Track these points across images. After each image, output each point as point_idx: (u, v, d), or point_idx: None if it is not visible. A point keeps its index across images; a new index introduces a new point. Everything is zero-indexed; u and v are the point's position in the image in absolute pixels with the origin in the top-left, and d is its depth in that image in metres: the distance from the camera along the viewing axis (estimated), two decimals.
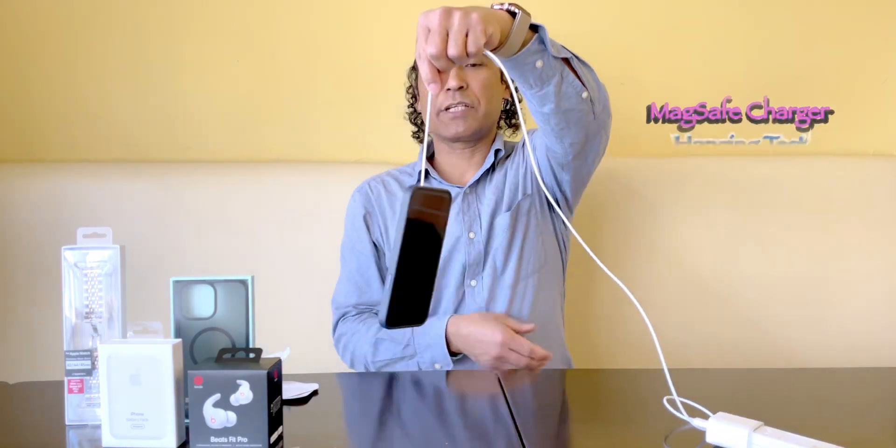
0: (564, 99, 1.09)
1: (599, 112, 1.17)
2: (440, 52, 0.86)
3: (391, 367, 1.31)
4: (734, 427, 0.82)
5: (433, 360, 1.28)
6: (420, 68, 0.88)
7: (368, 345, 1.32)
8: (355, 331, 1.36)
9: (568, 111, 1.12)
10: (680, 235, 1.66)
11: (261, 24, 1.74)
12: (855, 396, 1.07)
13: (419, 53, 0.88)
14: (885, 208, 1.67)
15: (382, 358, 1.31)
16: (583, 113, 1.14)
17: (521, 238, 1.37)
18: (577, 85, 1.09)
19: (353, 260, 1.44)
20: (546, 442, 0.90)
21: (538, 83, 1.05)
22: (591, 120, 1.17)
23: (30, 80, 1.72)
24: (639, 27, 1.75)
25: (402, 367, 1.30)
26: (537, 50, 1.01)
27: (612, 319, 1.65)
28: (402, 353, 1.29)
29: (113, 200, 1.62)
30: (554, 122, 1.15)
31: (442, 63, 0.87)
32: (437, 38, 0.86)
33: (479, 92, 1.37)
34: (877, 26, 1.77)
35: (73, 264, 0.95)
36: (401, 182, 1.46)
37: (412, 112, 1.56)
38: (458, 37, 0.86)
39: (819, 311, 1.65)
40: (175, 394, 0.86)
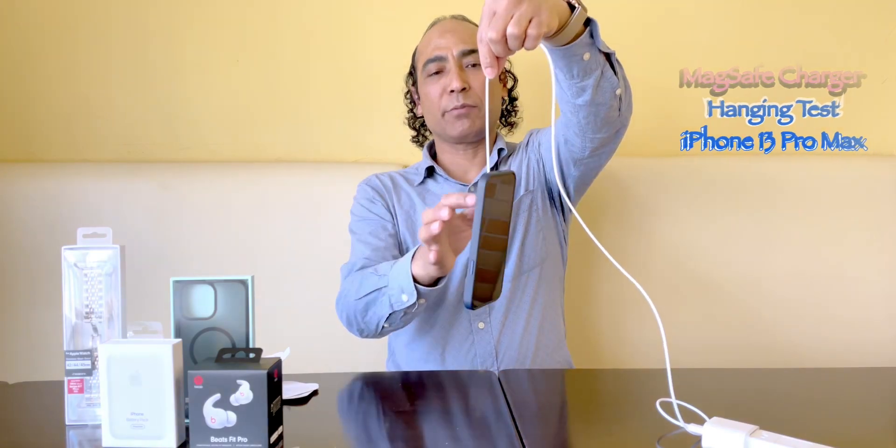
0: (600, 93, 1.12)
1: (624, 109, 1.20)
2: (500, 37, 0.87)
3: (372, 307, 1.23)
4: (730, 432, 0.82)
5: (401, 289, 1.16)
6: (479, 52, 0.89)
7: (357, 282, 1.27)
8: (353, 278, 1.30)
9: (600, 105, 1.14)
10: (680, 235, 1.66)
11: (261, 24, 1.74)
12: (855, 396, 1.07)
13: (480, 36, 0.89)
14: (885, 208, 1.67)
15: (363, 292, 1.24)
16: (611, 109, 1.16)
17: (521, 233, 1.37)
18: (614, 81, 1.12)
19: (364, 226, 1.40)
20: (546, 442, 0.90)
21: (580, 74, 1.08)
22: (617, 116, 1.19)
23: (30, 80, 1.72)
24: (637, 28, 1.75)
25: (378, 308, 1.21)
26: (587, 43, 1.04)
27: (612, 319, 1.66)
28: (377, 283, 1.22)
29: (113, 200, 1.62)
30: (583, 114, 1.17)
31: (500, 48, 0.88)
32: (500, 22, 0.87)
33: (482, 93, 1.37)
34: (877, 26, 1.77)
35: (73, 264, 0.95)
36: (407, 179, 1.46)
37: (411, 117, 1.57)
38: (522, 20, 0.87)
39: (819, 310, 1.65)
40: (175, 394, 0.86)
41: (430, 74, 1.40)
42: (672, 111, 1.78)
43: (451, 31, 1.40)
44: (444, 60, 1.38)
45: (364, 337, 1.31)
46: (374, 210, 1.42)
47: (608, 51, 1.09)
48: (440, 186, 1.44)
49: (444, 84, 1.38)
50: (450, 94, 1.37)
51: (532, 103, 1.61)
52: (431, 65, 1.39)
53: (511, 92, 1.54)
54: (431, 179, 1.45)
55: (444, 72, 1.38)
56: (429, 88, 1.40)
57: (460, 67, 1.37)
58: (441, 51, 1.38)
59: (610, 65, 1.11)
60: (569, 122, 1.21)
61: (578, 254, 1.53)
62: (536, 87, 1.65)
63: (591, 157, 1.29)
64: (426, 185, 1.45)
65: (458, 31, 1.40)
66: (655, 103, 1.72)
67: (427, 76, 1.40)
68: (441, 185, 1.44)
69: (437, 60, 1.38)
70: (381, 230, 1.39)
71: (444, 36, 1.40)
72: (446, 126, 1.39)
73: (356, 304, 1.25)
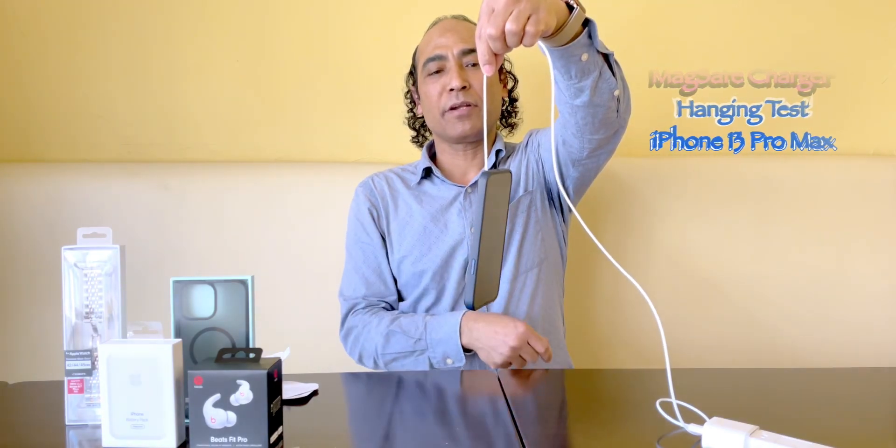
0: (598, 94, 1.12)
1: (623, 111, 1.20)
2: (499, 33, 0.87)
3: (400, 362, 1.30)
4: (729, 432, 0.82)
5: (445, 355, 1.26)
6: (478, 49, 0.90)
7: (380, 336, 1.30)
8: (367, 323, 1.34)
9: (598, 106, 1.14)
10: (679, 235, 1.66)
11: (260, 24, 1.74)
12: (855, 396, 1.06)
13: (478, 33, 0.89)
14: (885, 208, 1.67)
15: (393, 351, 1.29)
16: (609, 110, 1.16)
17: (520, 233, 1.37)
18: (612, 82, 1.12)
19: (359, 252, 1.43)
20: (545, 442, 0.90)
21: (578, 75, 1.08)
22: (615, 117, 1.19)
23: (30, 80, 1.72)
24: (637, 28, 1.76)
25: (412, 364, 1.29)
26: (585, 43, 1.04)
27: (612, 319, 1.66)
28: (413, 346, 1.28)
29: (113, 200, 1.62)
30: (581, 115, 1.17)
31: (498, 45, 0.88)
32: (499, 19, 0.87)
33: (482, 92, 1.37)
34: (877, 26, 1.77)
35: (73, 264, 0.95)
36: (404, 179, 1.46)
37: (411, 117, 1.56)
38: (521, 17, 0.87)
39: (819, 310, 1.65)
40: (175, 394, 0.86)
41: (431, 73, 1.40)
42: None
43: (452, 30, 1.40)
44: (444, 59, 1.38)
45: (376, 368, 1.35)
46: (367, 232, 1.43)
47: (606, 52, 1.09)
48: (437, 188, 1.44)
49: (444, 83, 1.38)
50: (449, 92, 1.37)
51: (532, 104, 1.61)
52: (431, 64, 1.39)
53: (511, 93, 1.54)
54: (428, 180, 1.45)
55: (445, 71, 1.38)
56: (429, 87, 1.40)
57: (460, 66, 1.37)
58: (441, 50, 1.38)
59: (608, 66, 1.11)
60: (567, 123, 1.21)
61: (578, 254, 1.53)
62: (536, 88, 1.65)
63: (590, 157, 1.29)
64: (423, 187, 1.45)
65: (458, 31, 1.40)
66: None
67: (427, 75, 1.40)
68: (438, 186, 1.44)
69: (437, 59, 1.38)
70: (372, 258, 1.42)
71: (445, 35, 1.40)
72: (446, 126, 1.39)
73: (383, 356, 1.31)
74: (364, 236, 1.43)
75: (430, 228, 1.39)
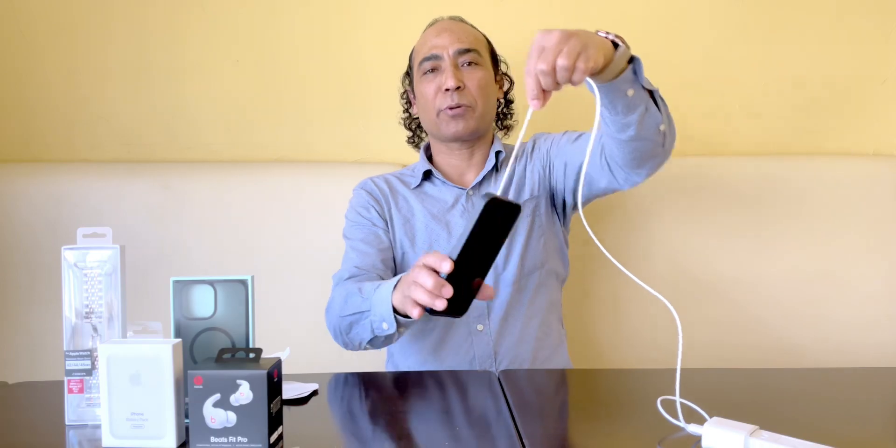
0: (644, 128, 1.13)
1: (668, 144, 1.21)
2: (550, 69, 0.90)
3: (356, 331, 1.22)
4: (730, 432, 0.82)
5: (382, 317, 1.14)
6: (526, 84, 0.92)
7: (341, 298, 1.25)
8: (339, 291, 1.29)
9: (644, 140, 1.16)
10: (680, 235, 1.66)
11: (260, 24, 1.74)
12: (855, 396, 1.06)
13: (528, 69, 0.91)
14: (885, 208, 1.67)
15: (347, 312, 1.23)
16: (655, 144, 1.17)
17: (524, 237, 1.37)
18: (658, 116, 1.14)
19: (358, 232, 1.40)
20: (546, 442, 0.90)
21: (625, 110, 1.10)
22: (661, 151, 1.20)
23: (30, 80, 1.72)
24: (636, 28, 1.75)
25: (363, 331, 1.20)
26: (631, 79, 1.06)
27: (612, 319, 1.65)
28: (361, 306, 1.20)
29: (113, 200, 1.62)
30: (628, 149, 1.18)
31: (549, 80, 0.91)
32: (550, 56, 0.90)
33: (476, 92, 1.37)
34: (877, 26, 1.77)
35: (73, 264, 0.95)
36: (404, 182, 1.46)
37: (407, 117, 1.56)
38: (572, 53, 0.91)
39: (819, 310, 1.65)
40: (175, 394, 0.86)
41: (426, 72, 1.39)
42: None
43: (448, 30, 1.40)
44: (439, 59, 1.38)
45: (349, 350, 1.29)
46: (366, 215, 1.41)
47: (651, 88, 1.11)
48: (437, 189, 1.44)
49: (439, 83, 1.37)
50: (444, 92, 1.36)
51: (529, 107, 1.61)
52: (427, 63, 1.39)
53: (507, 94, 1.53)
54: (428, 182, 1.45)
55: (440, 70, 1.38)
56: (424, 87, 1.40)
57: (455, 66, 1.37)
58: (437, 49, 1.38)
59: (654, 101, 1.13)
60: (614, 156, 1.22)
61: (579, 254, 1.53)
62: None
63: (626, 184, 1.30)
64: (423, 188, 1.44)
65: (454, 31, 1.40)
66: None
67: (422, 74, 1.40)
68: (438, 187, 1.44)
69: (432, 59, 1.38)
70: (372, 236, 1.39)
71: (441, 35, 1.40)
72: (441, 125, 1.39)
73: (340, 320, 1.24)
74: (361, 220, 1.41)
75: (432, 227, 1.39)
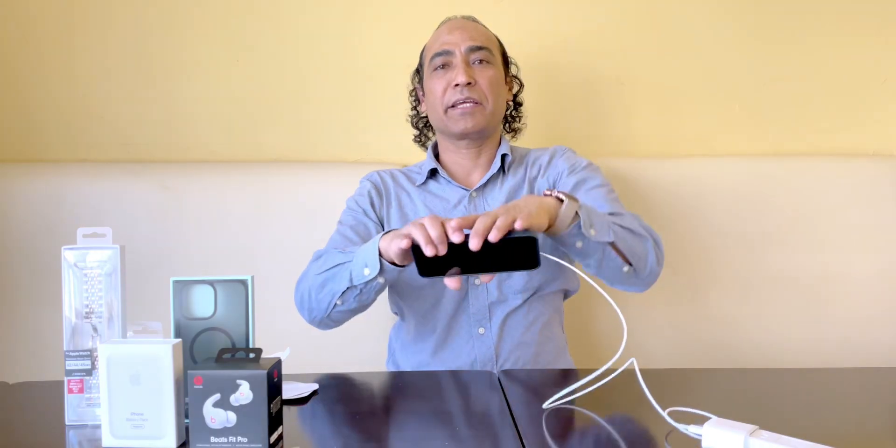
0: (605, 270, 1.19)
1: (646, 276, 1.24)
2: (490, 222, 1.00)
3: (329, 283, 1.21)
4: (729, 432, 0.82)
5: (364, 264, 1.14)
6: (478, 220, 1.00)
7: (319, 261, 1.26)
8: (316, 258, 1.30)
9: (611, 278, 1.22)
10: (678, 235, 1.66)
11: (260, 24, 1.74)
12: (855, 396, 1.07)
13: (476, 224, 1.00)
14: (885, 208, 1.67)
15: (324, 268, 1.23)
16: (626, 277, 1.22)
17: None
18: (619, 262, 1.18)
19: (351, 218, 1.40)
20: (546, 442, 0.90)
21: (579, 257, 1.17)
22: (638, 281, 1.24)
23: (30, 80, 1.72)
24: (637, 29, 1.75)
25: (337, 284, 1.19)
26: (577, 233, 1.10)
27: (612, 319, 1.65)
28: (341, 258, 1.21)
29: (113, 200, 1.62)
30: (604, 278, 1.23)
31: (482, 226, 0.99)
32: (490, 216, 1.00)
33: (487, 89, 1.37)
34: (877, 26, 1.77)
35: (73, 264, 0.95)
36: (410, 178, 1.46)
37: (415, 115, 1.56)
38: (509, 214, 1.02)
39: (818, 310, 1.65)
40: (175, 394, 0.86)
41: (437, 68, 1.39)
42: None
43: (461, 28, 1.41)
44: (450, 55, 1.38)
45: (312, 320, 1.27)
46: (363, 205, 1.41)
47: (603, 240, 1.13)
48: (442, 188, 1.44)
49: (449, 78, 1.37)
50: (454, 87, 1.36)
51: (535, 108, 1.61)
52: (438, 58, 1.39)
53: (516, 97, 1.53)
54: (433, 180, 1.45)
55: (451, 66, 1.38)
56: (434, 82, 1.40)
57: (467, 63, 1.37)
58: (449, 46, 1.38)
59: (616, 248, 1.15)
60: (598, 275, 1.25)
61: None
62: (541, 93, 1.65)
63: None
64: (428, 186, 1.44)
65: (467, 29, 1.41)
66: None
67: (433, 70, 1.40)
68: (443, 186, 1.44)
69: (443, 54, 1.38)
70: (361, 226, 1.39)
71: (453, 32, 1.40)
72: (449, 122, 1.39)
73: (315, 279, 1.24)
74: (357, 208, 1.41)
75: None
